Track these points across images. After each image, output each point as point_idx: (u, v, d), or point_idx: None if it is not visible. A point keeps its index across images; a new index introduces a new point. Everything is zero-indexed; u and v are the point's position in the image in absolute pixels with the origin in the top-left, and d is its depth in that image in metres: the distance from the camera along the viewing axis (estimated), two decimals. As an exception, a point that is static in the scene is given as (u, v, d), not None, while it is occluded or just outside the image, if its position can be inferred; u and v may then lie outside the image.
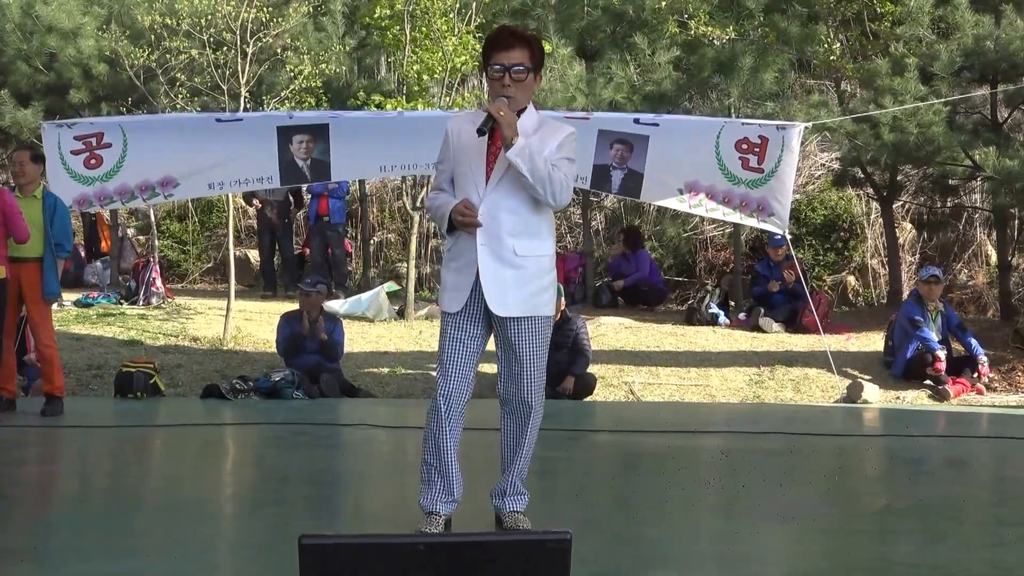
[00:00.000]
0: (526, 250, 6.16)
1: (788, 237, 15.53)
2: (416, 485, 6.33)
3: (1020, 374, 15.15)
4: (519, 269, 6.14)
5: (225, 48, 16.47)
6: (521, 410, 6.31)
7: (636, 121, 14.45)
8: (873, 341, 16.52)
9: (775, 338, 16.78)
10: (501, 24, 6.62)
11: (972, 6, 16.41)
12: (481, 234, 6.11)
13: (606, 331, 16.86)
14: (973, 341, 15.08)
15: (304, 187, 19.36)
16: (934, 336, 14.83)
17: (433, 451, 6.26)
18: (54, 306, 12.52)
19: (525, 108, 6.23)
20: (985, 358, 14.90)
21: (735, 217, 14.78)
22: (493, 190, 6.14)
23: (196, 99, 17.37)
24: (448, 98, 16.62)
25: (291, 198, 19.75)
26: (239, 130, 13.97)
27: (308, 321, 13.77)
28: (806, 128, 15.03)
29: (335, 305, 16.92)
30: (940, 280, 15.51)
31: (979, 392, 14.58)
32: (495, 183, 6.14)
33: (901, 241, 20.84)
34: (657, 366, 15.40)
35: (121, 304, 18.08)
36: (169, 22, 16.53)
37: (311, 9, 18.33)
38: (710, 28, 18.28)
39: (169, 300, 18.45)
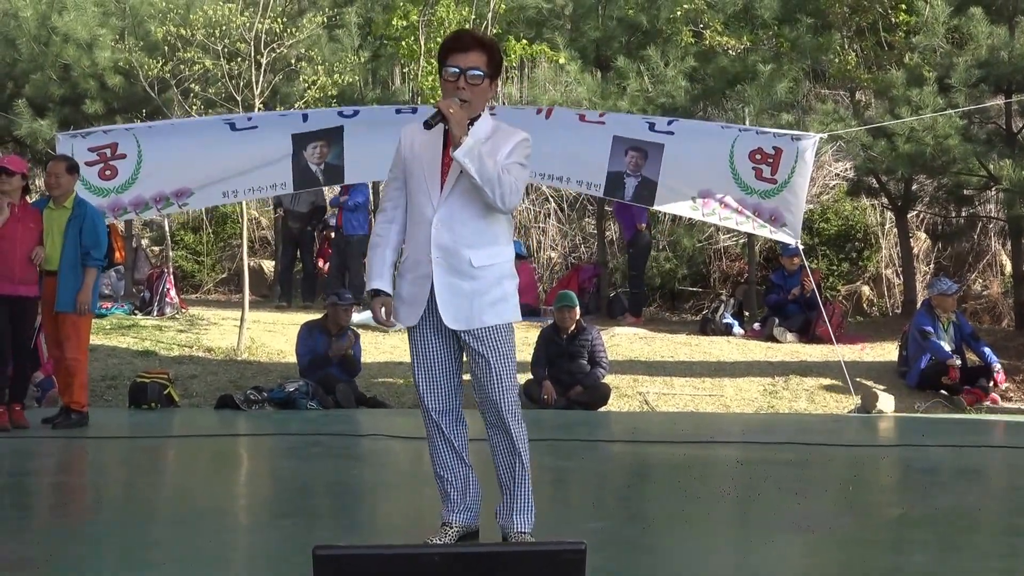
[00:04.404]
0: (483, 260, 6.00)
1: (800, 248, 15.48)
2: (431, 496, 6.30)
3: (1035, 384, 15.12)
4: (476, 280, 5.99)
5: (239, 59, 16.47)
6: (501, 425, 6.10)
7: (651, 128, 14.39)
8: (888, 351, 16.47)
9: (789, 348, 16.74)
10: (460, 29, 6.45)
11: (986, 16, 16.36)
12: (435, 248, 5.97)
13: (620, 341, 16.83)
14: (987, 350, 14.97)
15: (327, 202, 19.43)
16: (946, 346, 14.75)
17: (442, 464, 6.22)
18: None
19: (479, 115, 6.08)
20: (999, 366, 14.83)
21: (748, 226, 14.74)
22: (447, 200, 5.99)
23: (210, 110, 17.36)
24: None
25: (316, 209, 19.71)
26: (254, 139, 13.94)
27: (333, 335, 13.71)
28: (821, 139, 14.98)
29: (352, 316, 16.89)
30: (957, 292, 15.48)
31: (993, 402, 14.48)
32: (449, 192, 5.99)
33: (916, 251, 20.76)
34: (671, 376, 15.35)
35: (135, 315, 18.09)
36: (183, 33, 16.54)
37: (325, 20, 18.32)
38: (724, 38, 18.24)
39: (183, 311, 18.44)
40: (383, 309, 6.17)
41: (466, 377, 6.23)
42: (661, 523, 7.43)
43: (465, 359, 6.20)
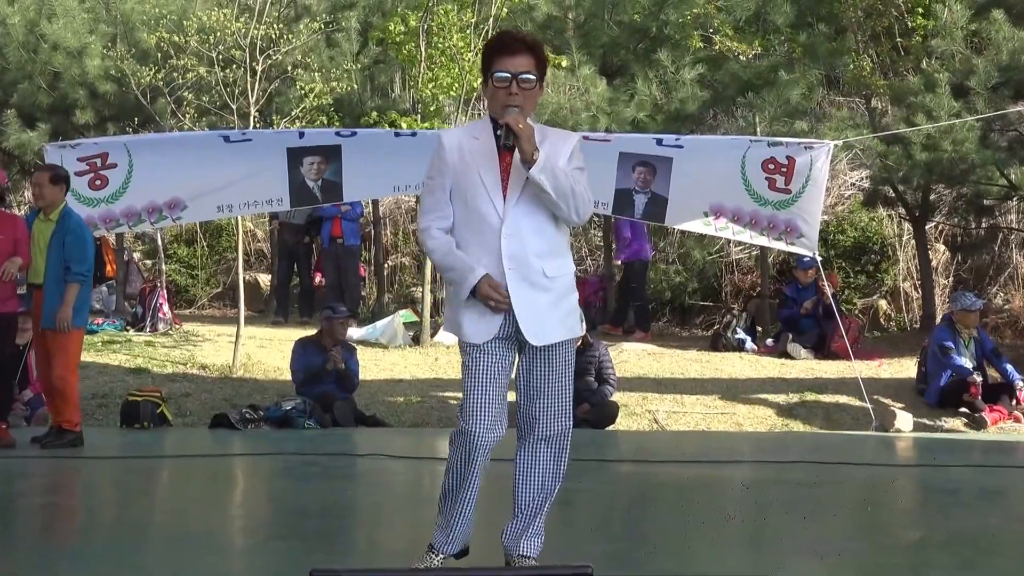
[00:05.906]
0: (554, 270, 5.80)
1: (818, 259, 15.21)
2: (430, 518, 6.04)
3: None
4: (549, 292, 5.78)
5: (234, 66, 16.27)
6: (552, 444, 5.90)
7: (658, 143, 14.14)
8: (906, 367, 16.37)
9: (804, 364, 16.63)
10: (505, 31, 6.23)
11: (1008, 19, 16.05)
12: (508, 258, 5.70)
13: (628, 357, 16.74)
14: (1009, 367, 14.89)
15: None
16: (967, 363, 14.59)
17: (455, 489, 5.87)
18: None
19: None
20: (1022, 383, 14.61)
21: (762, 240, 14.53)
22: (514, 208, 5.73)
23: (204, 118, 17.19)
24: (464, 117, 16.35)
25: (312, 221, 19.51)
26: (248, 150, 13.72)
27: (326, 349, 13.44)
28: (835, 146, 14.75)
29: (350, 332, 16.64)
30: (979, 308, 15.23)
31: (1016, 420, 14.31)
32: (515, 201, 5.73)
33: (934, 263, 20.72)
34: (682, 394, 15.25)
35: (127, 331, 17.99)
36: (177, 39, 16.32)
37: (322, 26, 18.13)
38: (735, 43, 18.02)
39: (177, 326, 18.37)
40: (491, 288, 5.71)
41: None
42: (669, 546, 7.31)
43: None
